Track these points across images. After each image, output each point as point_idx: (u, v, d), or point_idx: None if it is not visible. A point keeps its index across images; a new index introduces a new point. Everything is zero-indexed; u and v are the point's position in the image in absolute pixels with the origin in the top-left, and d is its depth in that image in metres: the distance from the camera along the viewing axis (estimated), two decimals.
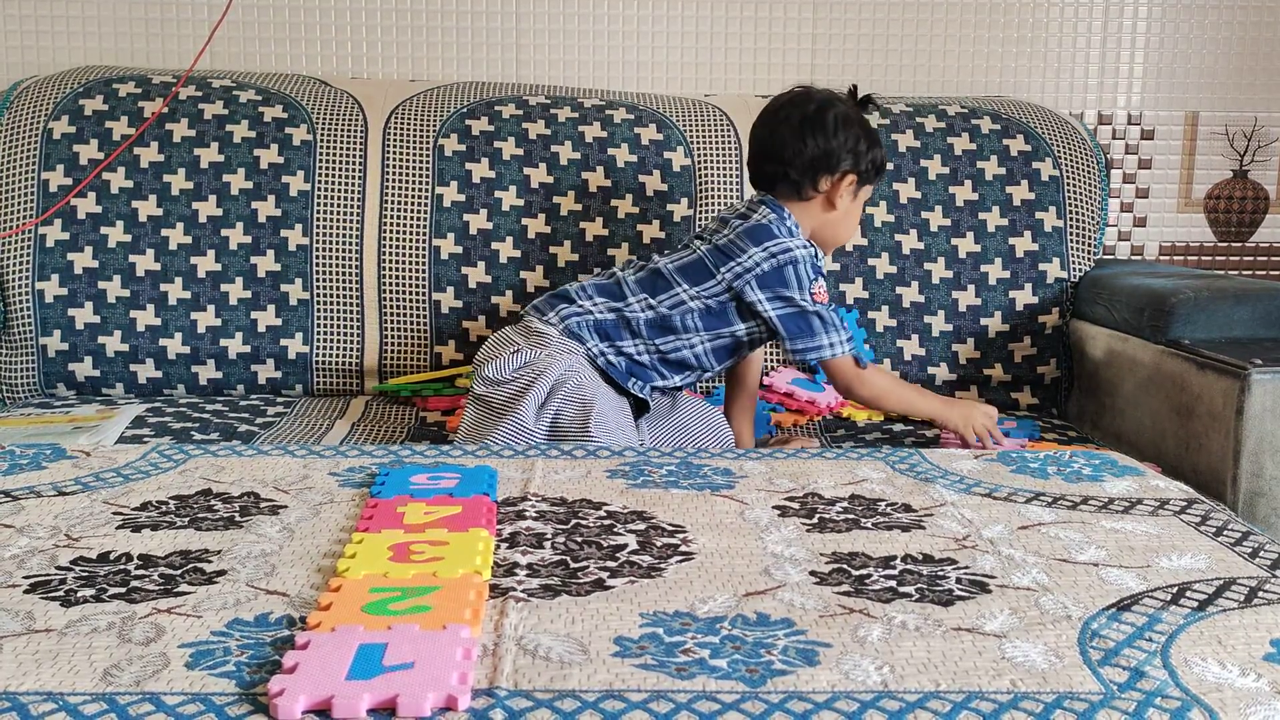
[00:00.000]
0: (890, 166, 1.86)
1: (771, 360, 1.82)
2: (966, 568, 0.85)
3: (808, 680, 0.66)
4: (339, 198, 1.80)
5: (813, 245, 1.49)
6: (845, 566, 0.85)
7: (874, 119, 1.56)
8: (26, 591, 0.78)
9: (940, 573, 0.84)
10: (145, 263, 1.76)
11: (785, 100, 1.51)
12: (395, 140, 1.83)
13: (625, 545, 0.89)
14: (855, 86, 1.56)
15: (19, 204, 1.77)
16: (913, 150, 1.87)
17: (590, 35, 2.10)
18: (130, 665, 0.67)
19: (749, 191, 1.84)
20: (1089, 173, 1.90)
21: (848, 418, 1.68)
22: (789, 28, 2.12)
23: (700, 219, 1.83)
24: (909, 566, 0.85)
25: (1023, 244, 1.84)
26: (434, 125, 1.85)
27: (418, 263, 1.80)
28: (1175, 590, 0.81)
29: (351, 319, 1.79)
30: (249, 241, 1.78)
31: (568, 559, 0.86)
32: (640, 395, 1.47)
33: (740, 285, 1.43)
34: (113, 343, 1.75)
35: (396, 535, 0.87)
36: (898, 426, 1.63)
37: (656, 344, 1.45)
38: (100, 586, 0.79)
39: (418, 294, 1.80)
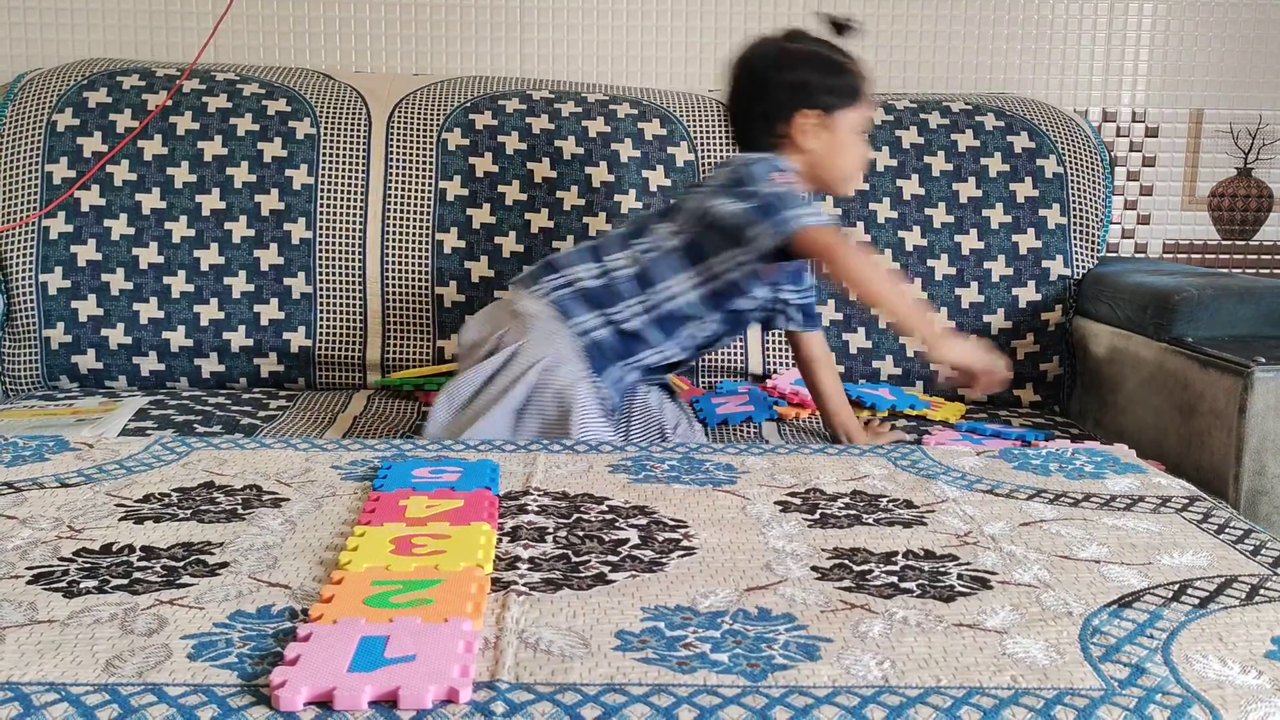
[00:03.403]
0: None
1: (775, 364, 1.82)
2: (968, 564, 0.85)
3: (809, 675, 0.67)
4: (342, 191, 1.80)
5: (793, 173, 1.39)
6: (847, 562, 0.85)
7: (854, 43, 1.46)
8: (29, 582, 0.79)
9: (942, 569, 0.84)
10: (148, 256, 1.77)
11: (734, 60, 1.46)
12: (398, 134, 1.83)
13: (627, 540, 0.89)
14: (827, 14, 1.47)
15: (23, 196, 1.77)
16: (916, 147, 1.87)
17: (594, 30, 2.10)
18: (132, 656, 0.67)
19: None
20: (1093, 170, 1.89)
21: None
22: (792, 23, 2.11)
23: None
24: (910, 562, 0.85)
25: (1026, 241, 1.84)
26: (437, 119, 1.85)
27: (420, 257, 1.80)
28: (1177, 587, 0.81)
29: (354, 313, 1.79)
30: (252, 235, 1.78)
31: (569, 553, 0.86)
32: (614, 391, 1.42)
33: (703, 203, 1.38)
34: (115, 335, 1.75)
35: (398, 528, 0.87)
36: (900, 422, 1.63)
37: (646, 296, 1.39)
38: (103, 578, 0.79)
39: (420, 288, 1.80)
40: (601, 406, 1.36)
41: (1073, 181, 1.88)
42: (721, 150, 1.85)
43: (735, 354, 1.82)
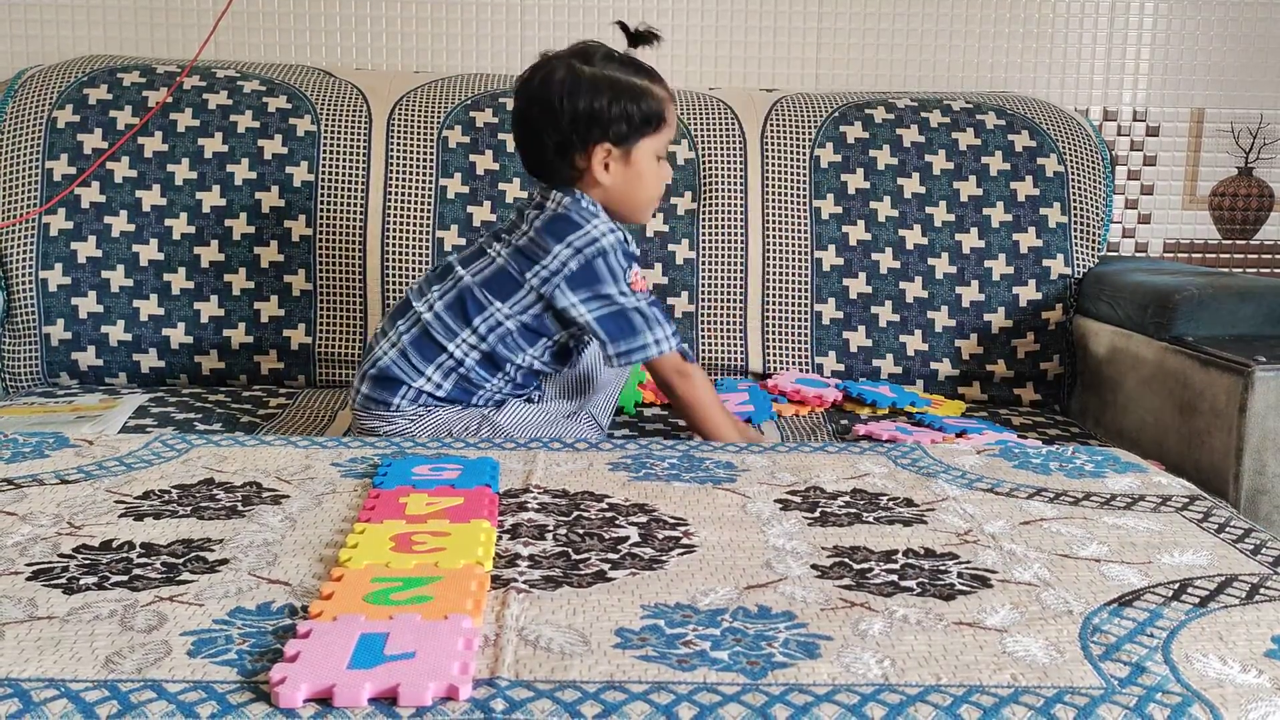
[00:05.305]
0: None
1: (775, 363, 1.82)
2: (968, 562, 0.85)
3: (808, 673, 0.66)
4: (342, 189, 1.80)
5: (620, 228, 1.34)
6: (847, 560, 0.85)
7: (654, 53, 1.39)
8: (29, 579, 0.79)
9: (942, 567, 0.84)
10: (148, 252, 1.77)
11: (520, 83, 1.36)
12: (399, 131, 1.83)
13: (627, 537, 0.89)
14: (621, 23, 1.39)
15: (23, 193, 1.77)
16: (917, 145, 1.87)
17: (595, 28, 2.10)
18: (132, 653, 0.67)
19: (753, 184, 1.84)
20: (1094, 169, 1.89)
21: (850, 410, 1.68)
22: (794, 21, 2.12)
23: (704, 213, 1.83)
24: (910, 561, 0.85)
25: (1027, 240, 1.84)
26: (438, 117, 1.85)
27: (421, 255, 1.80)
28: (1177, 586, 0.81)
29: (354, 310, 1.79)
30: (252, 232, 1.78)
31: (569, 550, 0.86)
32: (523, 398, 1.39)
33: (549, 291, 1.30)
34: (116, 332, 1.75)
35: (398, 526, 0.87)
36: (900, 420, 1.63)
37: (498, 379, 1.34)
38: (103, 574, 0.79)
39: None
40: (523, 418, 1.35)
41: (1073, 180, 1.87)
42: (723, 148, 1.85)
43: (735, 352, 1.82)
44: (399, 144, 1.83)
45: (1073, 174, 1.88)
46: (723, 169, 1.85)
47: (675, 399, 1.37)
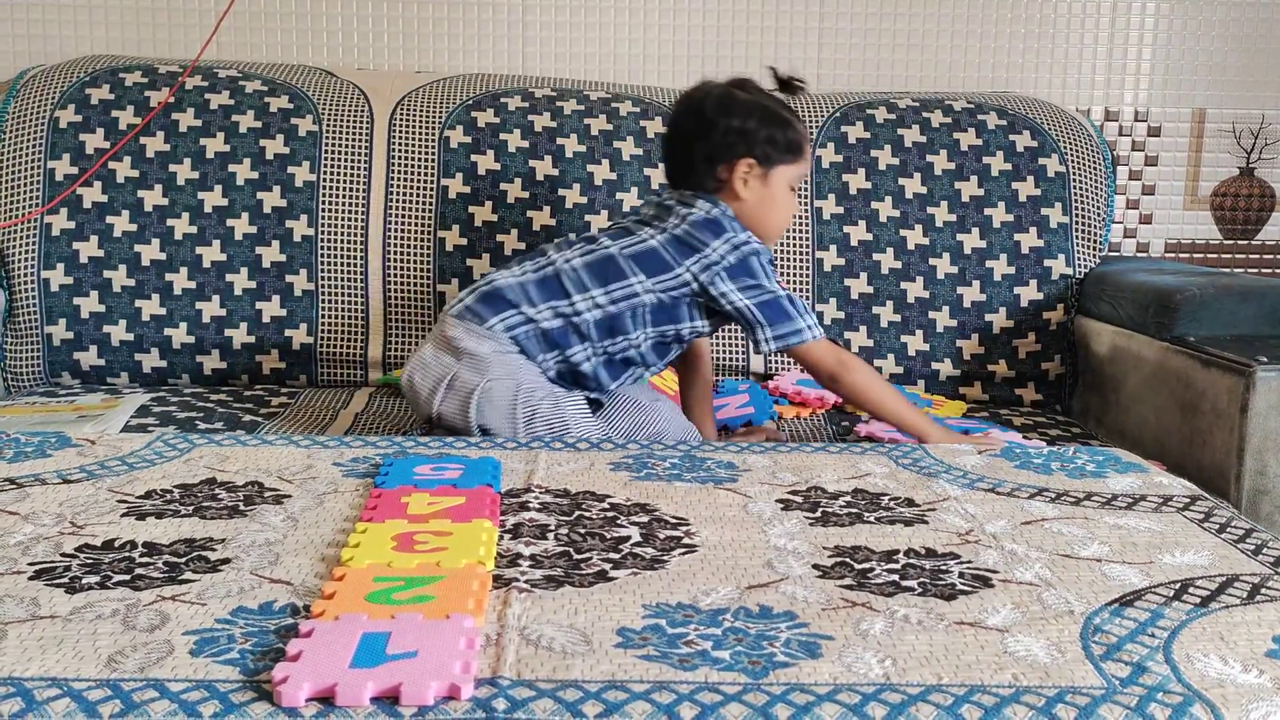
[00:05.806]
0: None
1: (776, 364, 1.82)
2: (969, 562, 0.85)
3: (810, 672, 0.67)
4: (344, 189, 1.80)
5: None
6: (848, 560, 0.85)
7: (797, 100, 1.49)
8: (31, 578, 0.79)
9: (943, 567, 0.84)
10: (150, 252, 1.77)
11: (680, 98, 1.49)
12: (401, 131, 1.83)
13: (628, 537, 0.89)
14: (773, 69, 1.50)
15: (25, 192, 1.77)
16: (918, 145, 1.87)
17: (596, 28, 2.10)
18: (135, 652, 0.67)
19: None
20: (1095, 169, 1.89)
21: (852, 411, 1.68)
22: (795, 21, 2.12)
23: None
24: (912, 561, 0.85)
25: (1028, 240, 1.84)
26: (439, 117, 1.85)
27: (422, 254, 1.80)
28: (1178, 586, 0.81)
29: (356, 310, 1.79)
30: (254, 232, 1.78)
31: (571, 550, 0.86)
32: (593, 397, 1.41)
33: (708, 278, 1.36)
34: (118, 332, 1.76)
35: (400, 525, 0.88)
36: None
37: (604, 345, 1.37)
38: (105, 574, 0.80)
39: (422, 285, 1.80)
40: (585, 410, 1.36)
41: (1075, 180, 1.87)
42: None
43: (736, 353, 1.82)
44: (400, 144, 1.83)
45: (1074, 174, 1.88)
46: None
47: (844, 389, 1.40)
